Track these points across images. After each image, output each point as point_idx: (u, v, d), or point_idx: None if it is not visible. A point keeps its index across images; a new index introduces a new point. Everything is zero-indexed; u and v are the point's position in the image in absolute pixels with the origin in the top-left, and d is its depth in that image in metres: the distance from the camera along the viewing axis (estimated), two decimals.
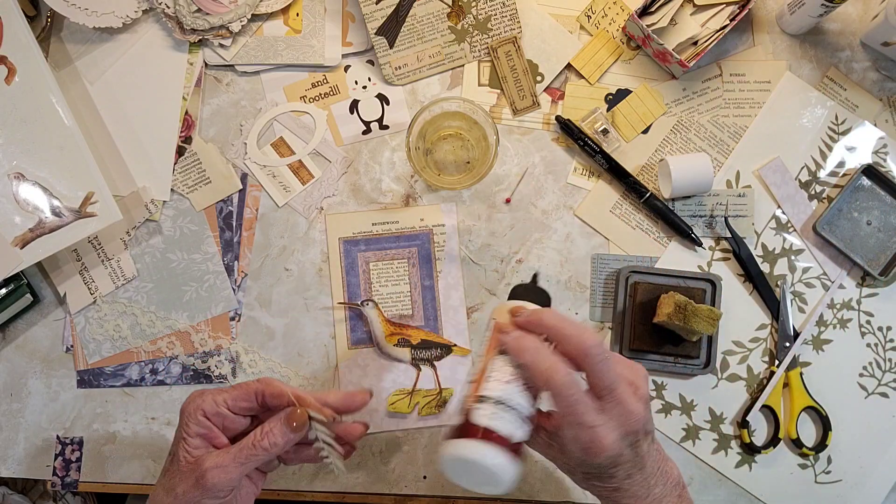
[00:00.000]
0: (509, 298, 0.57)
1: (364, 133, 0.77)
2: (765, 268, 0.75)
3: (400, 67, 0.76)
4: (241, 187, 0.76)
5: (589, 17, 0.76)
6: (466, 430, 0.49)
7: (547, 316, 0.50)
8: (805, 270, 0.75)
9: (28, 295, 0.73)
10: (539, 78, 0.76)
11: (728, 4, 0.74)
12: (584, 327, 0.49)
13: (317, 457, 0.58)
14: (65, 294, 0.75)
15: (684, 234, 0.74)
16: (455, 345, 0.75)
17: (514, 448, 0.49)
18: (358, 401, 0.59)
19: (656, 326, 0.72)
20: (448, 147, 0.75)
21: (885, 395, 0.74)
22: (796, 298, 0.75)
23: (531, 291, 0.56)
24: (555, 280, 0.75)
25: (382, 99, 0.77)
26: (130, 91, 0.76)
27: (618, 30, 0.76)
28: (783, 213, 0.75)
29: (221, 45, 0.76)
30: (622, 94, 0.76)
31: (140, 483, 0.75)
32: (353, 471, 0.74)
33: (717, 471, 0.74)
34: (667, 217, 0.74)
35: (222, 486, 0.54)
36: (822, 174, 0.76)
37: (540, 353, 0.49)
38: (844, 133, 0.76)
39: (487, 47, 0.76)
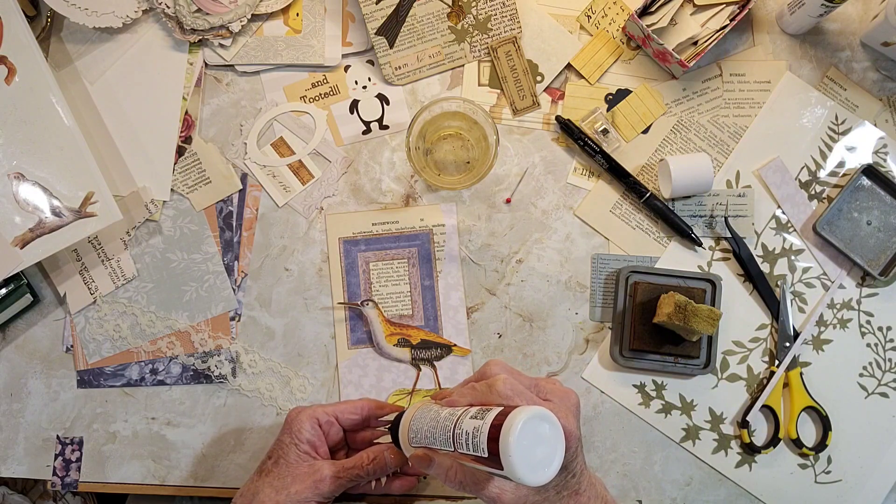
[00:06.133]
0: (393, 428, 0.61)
1: (364, 133, 0.77)
2: (765, 268, 0.75)
3: (400, 67, 0.76)
4: (241, 187, 0.76)
5: (589, 17, 0.76)
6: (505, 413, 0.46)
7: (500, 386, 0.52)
8: (805, 270, 0.75)
9: (28, 295, 0.73)
10: (539, 78, 0.76)
11: (728, 4, 0.74)
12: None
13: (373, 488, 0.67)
14: (65, 294, 0.75)
15: (684, 234, 0.74)
16: (455, 345, 0.75)
17: None
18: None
19: (656, 326, 0.72)
20: (448, 147, 0.75)
21: (885, 395, 0.74)
22: (796, 298, 0.75)
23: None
24: (555, 280, 0.75)
25: (382, 99, 0.77)
26: (130, 91, 0.76)
27: (618, 30, 0.76)
28: (783, 213, 0.75)
29: (221, 45, 0.76)
30: (622, 94, 0.76)
31: (140, 483, 0.75)
32: None
33: (717, 471, 0.74)
34: (667, 217, 0.74)
35: (335, 493, 0.62)
36: (822, 174, 0.76)
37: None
38: (844, 133, 0.76)
39: (487, 47, 0.76)
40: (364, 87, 0.77)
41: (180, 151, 0.76)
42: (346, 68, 0.77)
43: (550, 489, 0.53)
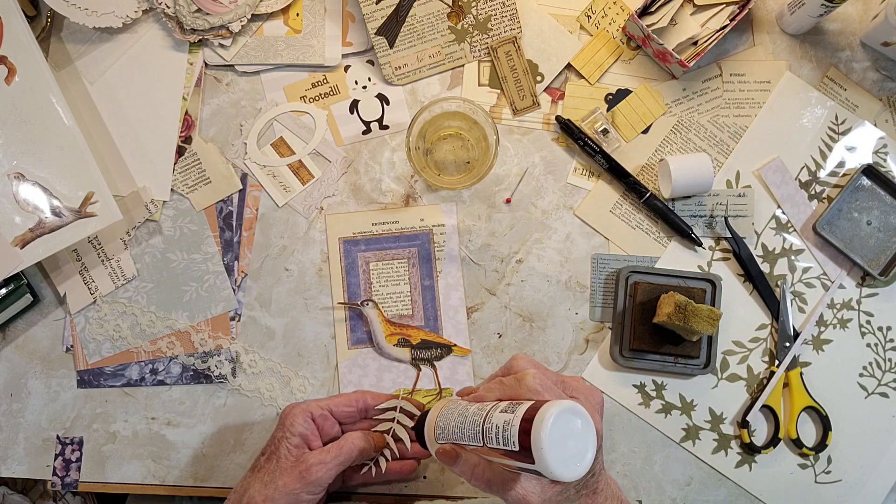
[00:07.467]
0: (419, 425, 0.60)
1: (364, 133, 0.77)
2: (765, 268, 0.75)
3: (400, 67, 0.76)
4: (241, 187, 0.76)
5: (589, 17, 0.76)
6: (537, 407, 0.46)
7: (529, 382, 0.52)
8: (805, 270, 0.75)
9: (28, 295, 0.73)
10: (539, 78, 0.76)
11: (728, 4, 0.74)
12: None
13: (369, 474, 0.68)
14: (65, 294, 0.75)
15: (684, 234, 0.74)
16: (455, 345, 0.75)
17: None
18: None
19: (656, 326, 0.72)
20: (448, 147, 0.75)
21: (885, 395, 0.74)
22: (796, 298, 0.75)
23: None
24: (555, 280, 0.75)
25: (382, 99, 0.77)
26: (130, 91, 0.76)
27: (618, 30, 0.76)
28: (783, 213, 0.75)
29: (221, 45, 0.76)
30: (622, 94, 0.76)
31: (140, 483, 0.75)
32: None
33: (717, 471, 0.74)
34: (667, 217, 0.74)
35: (323, 482, 0.61)
36: (822, 174, 0.76)
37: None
38: (844, 133, 0.76)
39: (487, 47, 0.76)
40: (364, 87, 0.77)
41: (180, 151, 0.76)
42: (346, 68, 0.77)
43: (571, 488, 0.52)
